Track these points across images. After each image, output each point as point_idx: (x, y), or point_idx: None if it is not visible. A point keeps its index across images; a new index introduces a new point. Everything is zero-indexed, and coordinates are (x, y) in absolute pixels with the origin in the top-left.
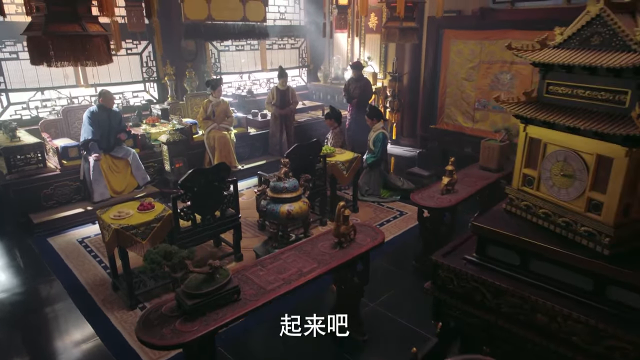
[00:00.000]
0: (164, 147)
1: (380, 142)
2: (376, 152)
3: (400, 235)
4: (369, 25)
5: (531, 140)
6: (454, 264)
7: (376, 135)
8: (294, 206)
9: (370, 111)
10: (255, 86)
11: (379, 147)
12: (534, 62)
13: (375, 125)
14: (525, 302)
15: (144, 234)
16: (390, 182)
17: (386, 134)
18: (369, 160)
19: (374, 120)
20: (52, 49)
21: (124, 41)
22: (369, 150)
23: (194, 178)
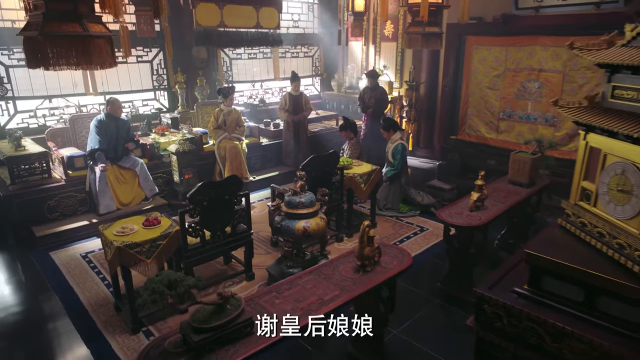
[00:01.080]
0: (173, 157)
1: (400, 154)
2: (396, 164)
3: (423, 254)
4: (385, 33)
5: (591, 150)
6: (503, 297)
7: (395, 146)
8: (311, 223)
9: (385, 123)
10: (267, 95)
11: (399, 159)
12: (599, 63)
13: (393, 137)
14: (594, 348)
15: (148, 252)
16: (410, 196)
17: (405, 145)
18: (389, 173)
19: (391, 131)
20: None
21: (134, 48)
22: (388, 163)
23: (203, 192)
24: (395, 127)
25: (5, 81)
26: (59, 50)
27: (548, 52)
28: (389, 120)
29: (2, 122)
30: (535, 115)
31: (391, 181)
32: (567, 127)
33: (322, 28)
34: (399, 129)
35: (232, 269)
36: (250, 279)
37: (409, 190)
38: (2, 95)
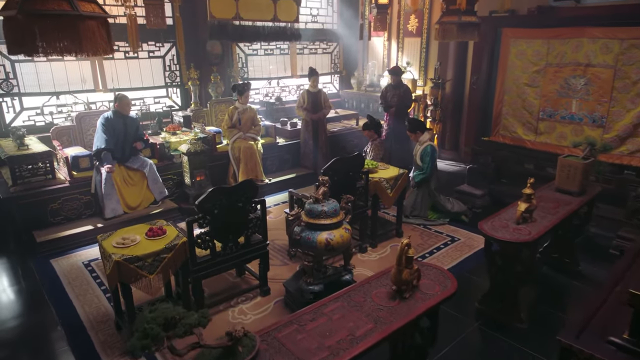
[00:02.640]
0: (184, 157)
1: (429, 157)
2: (425, 168)
3: (455, 268)
4: (408, 28)
5: None
6: (597, 350)
7: (424, 149)
8: (334, 234)
9: (411, 124)
10: (284, 93)
11: (428, 163)
12: None
13: (421, 138)
14: None
15: (151, 266)
16: (440, 203)
17: (435, 147)
18: (418, 177)
19: (418, 133)
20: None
21: (145, 43)
22: (416, 167)
23: (213, 198)
24: (423, 128)
25: (11, 76)
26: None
27: (597, 45)
28: (415, 121)
29: (7, 120)
30: (581, 115)
31: (419, 186)
32: (617, 129)
33: (342, 23)
34: (427, 130)
35: (245, 282)
36: (265, 295)
37: (438, 196)
38: (8, 92)
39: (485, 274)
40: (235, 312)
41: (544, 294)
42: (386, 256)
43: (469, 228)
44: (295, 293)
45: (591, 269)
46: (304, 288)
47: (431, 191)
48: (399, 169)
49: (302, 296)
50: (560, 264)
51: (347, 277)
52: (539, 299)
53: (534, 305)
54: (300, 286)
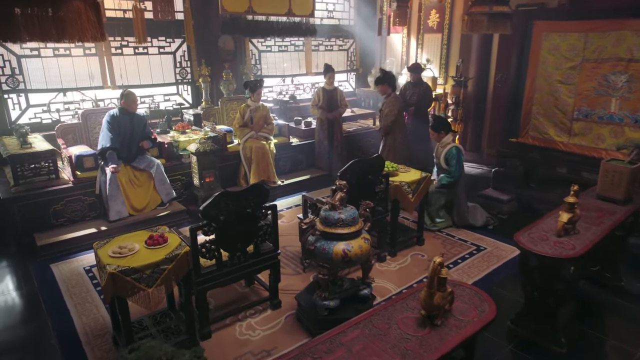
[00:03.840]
0: (193, 157)
1: (455, 159)
2: (453, 171)
3: (483, 281)
4: (429, 23)
5: None
6: None
7: (448, 150)
8: (352, 245)
9: (436, 123)
10: (298, 91)
11: (455, 165)
12: None
13: (444, 140)
14: None
15: (150, 278)
16: (462, 215)
17: (460, 149)
18: (444, 180)
19: (442, 133)
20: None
21: (156, 39)
22: (441, 170)
23: (219, 204)
24: (447, 128)
25: (17, 72)
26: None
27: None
28: (440, 120)
29: (13, 117)
30: (621, 115)
31: (447, 189)
32: None
33: (359, 19)
34: (451, 130)
35: (254, 292)
36: (276, 308)
37: (463, 207)
38: (14, 88)
39: (517, 288)
40: (243, 327)
41: (584, 312)
42: (407, 266)
43: (496, 236)
44: (308, 308)
45: (635, 285)
46: (318, 303)
47: (456, 195)
48: (421, 172)
49: (315, 312)
50: (601, 278)
51: (366, 292)
52: (577, 317)
53: (574, 326)
54: (313, 301)
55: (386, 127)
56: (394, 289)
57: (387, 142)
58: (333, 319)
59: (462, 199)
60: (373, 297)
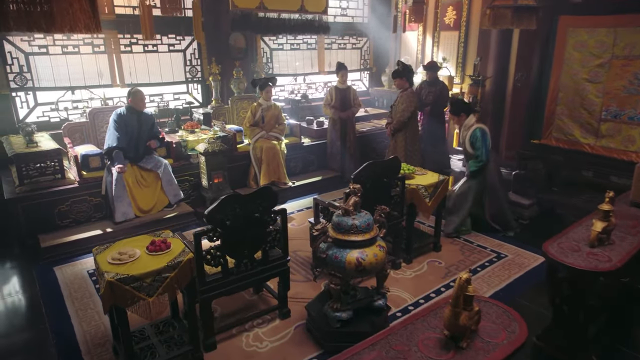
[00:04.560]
0: (202, 158)
1: (481, 141)
2: (480, 154)
3: (503, 291)
4: (445, 20)
5: None
6: None
7: (472, 133)
8: (367, 253)
9: (454, 106)
10: (310, 90)
11: (482, 147)
12: None
13: (466, 122)
14: None
15: (151, 287)
16: (503, 215)
17: (485, 130)
18: (473, 166)
19: (462, 116)
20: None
21: (165, 36)
22: (468, 156)
23: (225, 208)
24: (468, 110)
25: (25, 70)
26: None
27: None
28: (458, 102)
29: (21, 115)
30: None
31: (474, 177)
32: None
33: (373, 16)
34: (473, 111)
35: (263, 300)
36: (285, 317)
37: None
38: (22, 86)
39: (542, 300)
40: (250, 337)
41: (615, 326)
42: (423, 274)
43: (517, 242)
44: (319, 319)
45: None
46: (329, 314)
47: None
48: (439, 174)
49: (327, 324)
50: (632, 290)
51: (380, 303)
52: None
53: (605, 343)
54: (325, 311)
55: (399, 123)
56: (410, 298)
57: (396, 142)
58: (345, 332)
59: (500, 193)
60: (388, 308)
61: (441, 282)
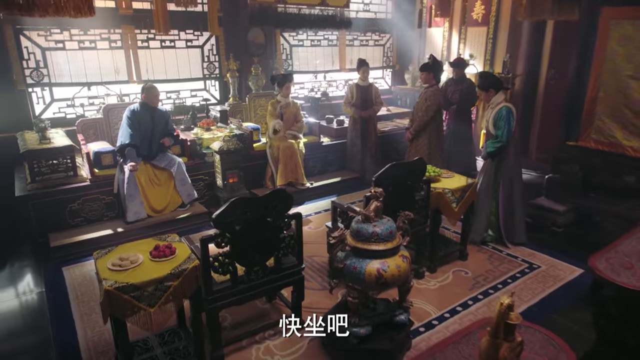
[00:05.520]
0: (216, 156)
1: (505, 121)
2: (500, 134)
3: (537, 307)
4: (473, 16)
5: None
6: None
7: (498, 111)
8: (389, 264)
9: (484, 80)
10: (331, 88)
11: (504, 127)
12: None
13: (494, 99)
14: None
15: (152, 296)
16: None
17: (512, 110)
18: (491, 147)
19: (491, 92)
20: None
21: (183, 32)
22: (489, 136)
23: (235, 212)
24: (498, 86)
25: (42, 65)
26: None
27: None
28: (489, 77)
29: (37, 111)
30: None
31: (492, 158)
32: None
33: (397, 12)
34: (505, 87)
35: (275, 309)
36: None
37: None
38: (38, 81)
39: (581, 318)
40: (261, 350)
41: None
42: (448, 284)
43: (551, 252)
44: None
45: None
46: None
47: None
48: (467, 178)
49: (344, 340)
50: None
51: (402, 318)
52: None
53: None
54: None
55: (422, 122)
56: (434, 312)
57: (418, 143)
58: (364, 350)
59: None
60: (410, 323)
61: (468, 295)
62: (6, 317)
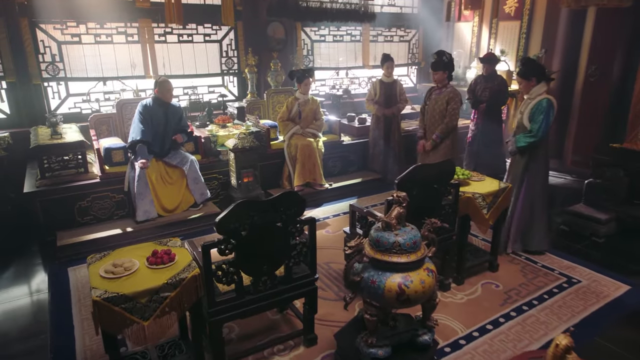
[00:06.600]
0: (231, 154)
1: (544, 114)
2: (536, 129)
3: (579, 327)
4: (505, 9)
5: None
6: None
7: (538, 103)
8: (412, 279)
9: (526, 66)
10: (353, 85)
11: (541, 123)
12: None
13: (534, 90)
14: None
15: (146, 308)
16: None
17: (553, 103)
18: (522, 141)
19: (532, 81)
20: None
21: (201, 25)
22: (520, 129)
23: (240, 215)
24: (541, 75)
25: (58, 59)
26: None
27: None
28: (531, 63)
29: (53, 106)
30: None
31: (521, 154)
32: None
33: (424, 7)
34: (545, 79)
35: (286, 321)
36: (311, 345)
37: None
38: (54, 76)
39: (630, 340)
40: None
41: None
42: (476, 298)
43: (592, 265)
44: (350, 352)
45: None
46: (363, 350)
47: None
48: (499, 181)
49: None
50: None
51: (426, 338)
52: None
53: None
54: (357, 345)
55: (450, 127)
56: (461, 329)
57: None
58: None
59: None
60: (435, 345)
61: (499, 311)
62: (5, 319)
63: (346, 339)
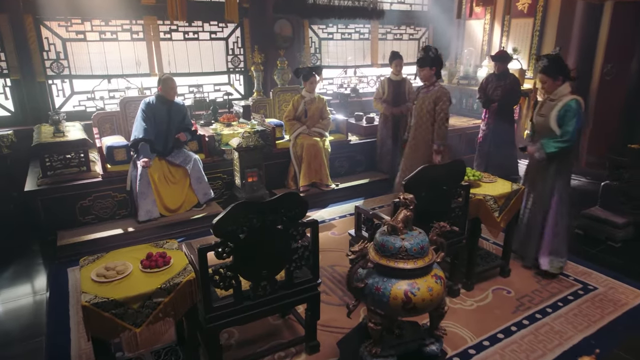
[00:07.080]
0: (235, 153)
1: (575, 116)
2: (570, 134)
3: (597, 338)
4: (518, 6)
5: None
6: None
7: (566, 104)
8: (419, 286)
9: (553, 65)
10: (362, 84)
11: (574, 125)
12: None
13: (559, 90)
14: None
15: (138, 314)
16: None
17: (582, 103)
18: (550, 147)
19: (558, 80)
20: None
21: (207, 23)
22: (547, 134)
23: (239, 218)
24: (566, 74)
25: (62, 57)
26: None
27: None
28: (557, 61)
29: (57, 104)
30: None
31: (550, 161)
32: None
33: (434, 5)
34: (570, 78)
35: (288, 326)
36: (313, 352)
37: None
38: (58, 73)
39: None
40: None
41: None
42: (487, 305)
43: (608, 271)
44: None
45: None
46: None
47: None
48: (512, 183)
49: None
50: None
51: (433, 348)
52: None
53: None
54: (361, 354)
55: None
56: (471, 338)
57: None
58: None
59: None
60: (443, 355)
61: (511, 319)
62: (3, 320)
63: (349, 348)
